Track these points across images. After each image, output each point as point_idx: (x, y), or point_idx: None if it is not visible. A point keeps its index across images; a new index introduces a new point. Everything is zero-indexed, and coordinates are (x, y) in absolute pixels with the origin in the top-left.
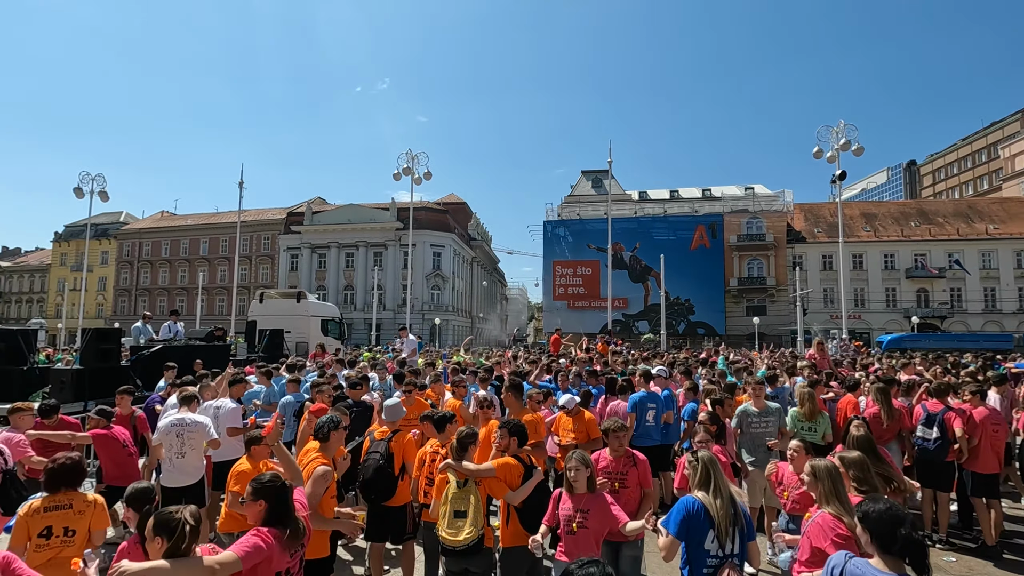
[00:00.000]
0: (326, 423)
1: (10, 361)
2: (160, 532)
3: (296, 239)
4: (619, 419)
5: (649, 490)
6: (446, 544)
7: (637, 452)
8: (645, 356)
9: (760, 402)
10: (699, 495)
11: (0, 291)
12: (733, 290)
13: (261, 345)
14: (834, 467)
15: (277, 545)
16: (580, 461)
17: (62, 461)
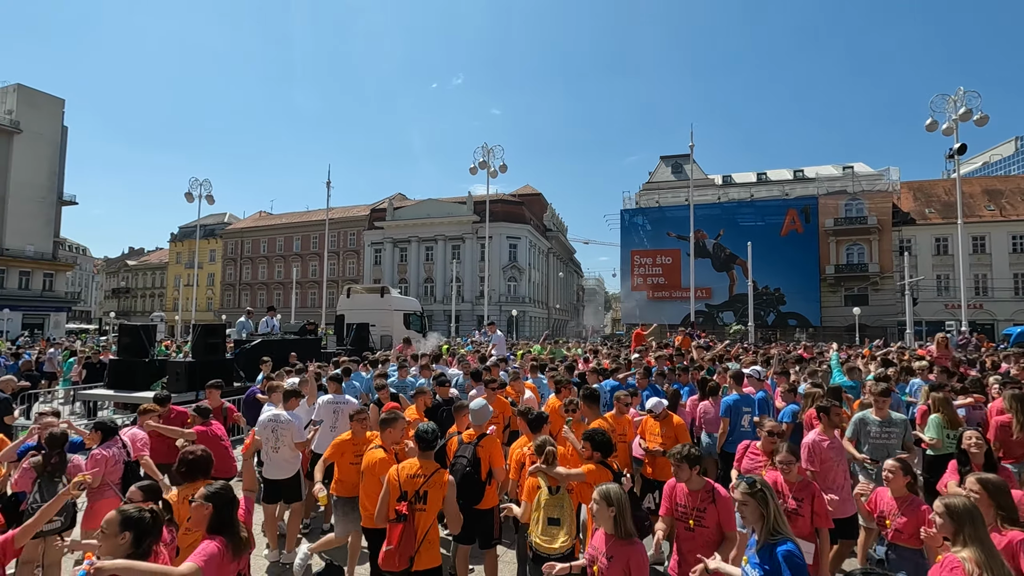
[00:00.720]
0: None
1: (135, 354)
2: (126, 527)
3: (379, 234)
4: (681, 447)
5: (731, 533)
6: (540, 551)
7: (719, 487)
8: (737, 352)
9: (883, 410)
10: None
11: (128, 287)
12: (829, 278)
13: (349, 338)
14: (973, 506)
15: (227, 552)
16: (602, 497)
17: (199, 454)
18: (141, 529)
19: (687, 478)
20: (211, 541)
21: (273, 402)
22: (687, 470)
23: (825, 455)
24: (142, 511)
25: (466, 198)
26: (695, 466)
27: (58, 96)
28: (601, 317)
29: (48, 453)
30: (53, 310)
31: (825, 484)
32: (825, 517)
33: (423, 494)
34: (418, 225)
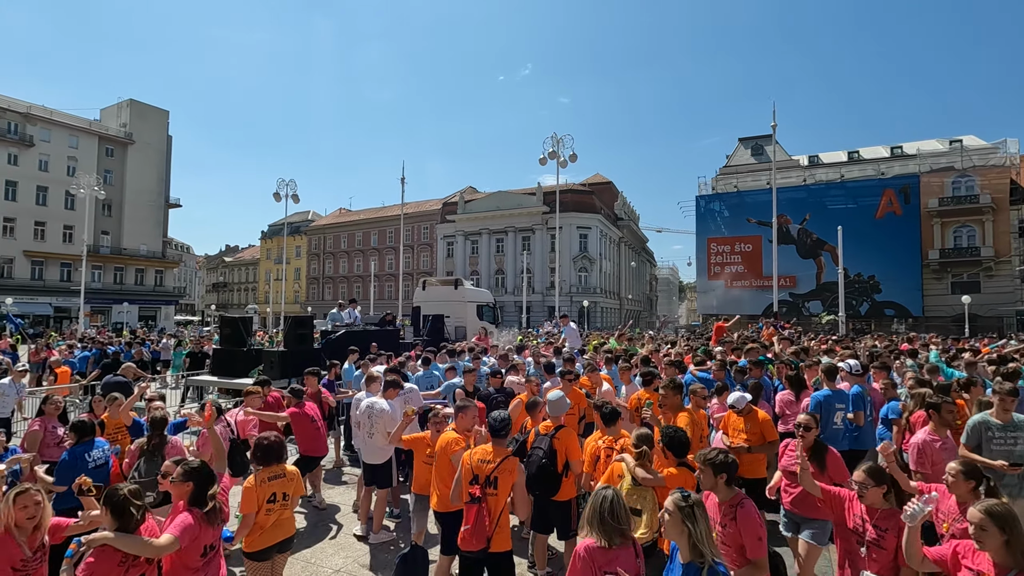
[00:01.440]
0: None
1: (235, 344)
2: (106, 504)
3: (451, 227)
4: (708, 449)
5: (758, 560)
6: None
7: (747, 500)
8: (826, 345)
9: (1007, 413)
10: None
11: (226, 282)
12: (933, 264)
13: (425, 329)
14: (1011, 513)
15: (202, 524)
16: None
17: (272, 440)
18: (119, 506)
19: (712, 486)
20: (187, 514)
21: (371, 392)
22: (711, 477)
23: (937, 456)
24: (119, 490)
25: (536, 189)
26: (720, 473)
27: (163, 108)
28: (676, 307)
29: (151, 434)
30: (163, 303)
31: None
32: None
33: (493, 479)
34: (488, 217)
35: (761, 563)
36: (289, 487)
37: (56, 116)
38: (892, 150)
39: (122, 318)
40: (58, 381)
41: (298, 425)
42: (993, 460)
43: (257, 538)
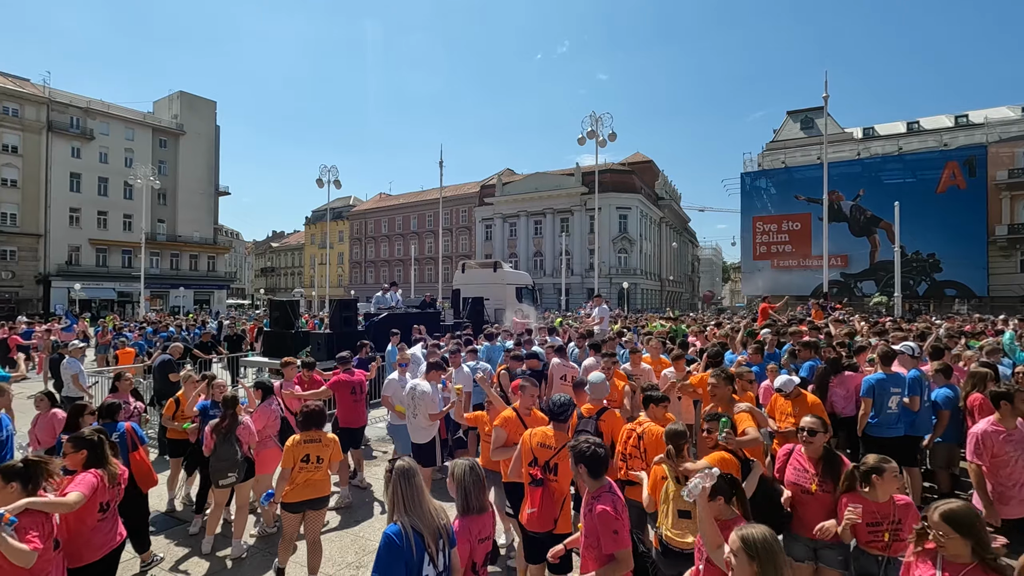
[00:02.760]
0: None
1: (284, 326)
2: (11, 479)
3: (489, 210)
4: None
5: (618, 553)
6: (671, 545)
7: (607, 494)
8: (879, 327)
9: None
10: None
11: (273, 266)
12: (1000, 240)
13: (465, 312)
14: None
15: (102, 482)
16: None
17: (313, 407)
18: (22, 477)
19: (575, 474)
20: (89, 473)
21: (400, 373)
22: (572, 465)
23: (999, 448)
24: (15, 465)
25: (574, 170)
26: (579, 464)
27: (210, 99)
28: (719, 288)
29: (223, 414)
30: (216, 288)
31: (997, 481)
32: None
33: (553, 466)
34: (526, 199)
35: (622, 556)
36: (324, 452)
37: (113, 110)
38: (956, 119)
39: (179, 302)
40: (119, 362)
41: (339, 393)
42: None
43: (291, 491)
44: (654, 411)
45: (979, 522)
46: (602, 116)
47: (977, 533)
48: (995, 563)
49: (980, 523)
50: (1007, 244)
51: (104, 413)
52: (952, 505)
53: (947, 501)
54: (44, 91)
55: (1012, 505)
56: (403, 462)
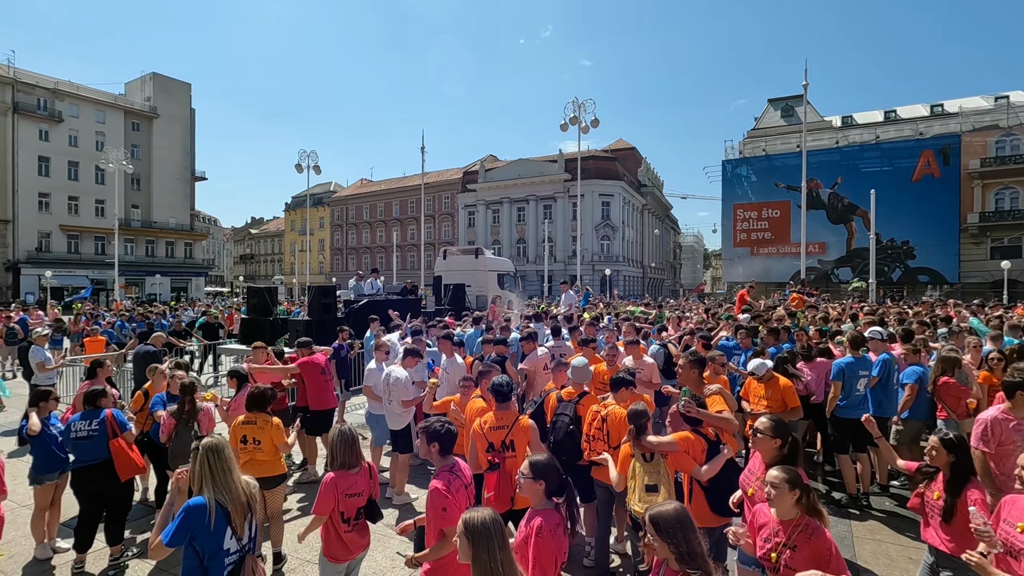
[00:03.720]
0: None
1: (261, 313)
2: None
3: (472, 197)
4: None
5: (447, 529)
6: (640, 518)
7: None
8: (851, 311)
9: None
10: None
11: (252, 253)
12: (972, 228)
13: (446, 298)
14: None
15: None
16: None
17: (257, 391)
18: None
19: (425, 452)
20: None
21: (377, 360)
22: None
23: (1007, 436)
24: None
25: (557, 156)
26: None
27: (185, 81)
28: (700, 275)
29: (182, 400)
30: (194, 275)
31: (1002, 471)
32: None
33: (510, 443)
34: (509, 186)
35: (450, 532)
36: (260, 434)
37: (82, 91)
38: (932, 108)
39: (155, 290)
40: (87, 351)
41: (307, 375)
42: None
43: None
44: (622, 394)
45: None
46: (585, 102)
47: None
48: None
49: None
50: (978, 232)
51: (87, 400)
52: (663, 508)
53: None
54: (9, 71)
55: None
56: (211, 439)
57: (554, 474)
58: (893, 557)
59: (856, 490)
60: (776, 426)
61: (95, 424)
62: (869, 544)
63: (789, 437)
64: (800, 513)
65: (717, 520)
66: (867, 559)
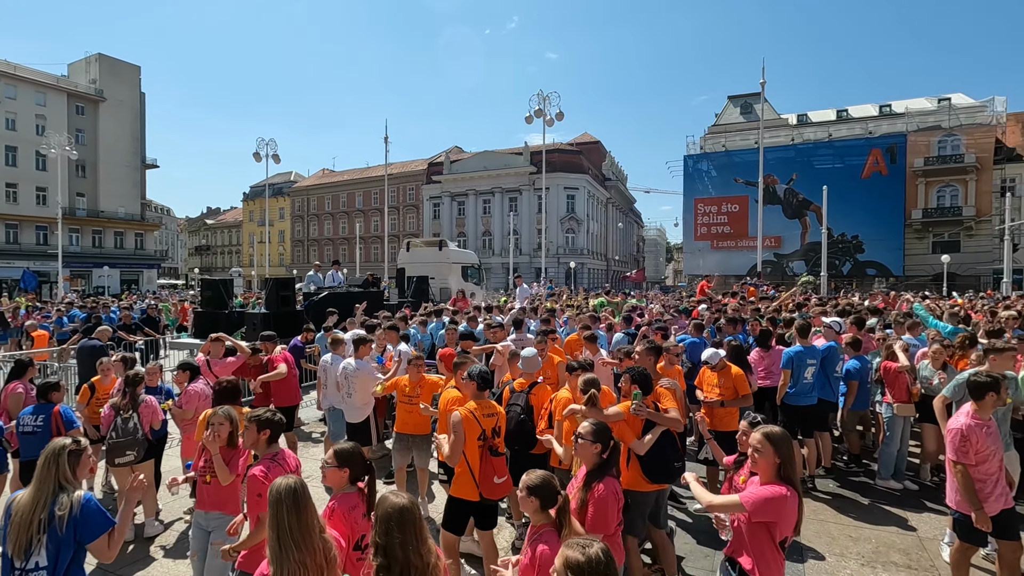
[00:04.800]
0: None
1: (216, 306)
2: None
3: (437, 188)
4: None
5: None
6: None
7: (264, 461)
8: (799, 302)
9: (997, 368)
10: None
11: (209, 245)
12: (915, 223)
13: (409, 291)
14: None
15: None
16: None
17: (227, 382)
18: None
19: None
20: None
21: (338, 354)
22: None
23: (982, 444)
24: None
25: (523, 149)
26: (263, 430)
27: (134, 63)
28: (663, 268)
29: (123, 392)
30: (145, 267)
31: (977, 476)
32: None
33: (499, 429)
34: (475, 178)
35: (263, 517)
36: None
37: (21, 72)
38: (881, 109)
39: (103, 282)
40: (35, 345)
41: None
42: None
43: None
44: (573, 380)
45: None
46: (549, 95)
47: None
48: None
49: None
50: (921, 227)
51: (40, 393)
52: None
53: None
54: None
55: (991, 502)
56: (61, 442)
57: (358, 460)
58: (834, 535)
59: (802, 473)
60: (597, 431)
61: (40, 420)
62: (813, 524)
63: (610, 442)
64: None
65: (651, 487)
66: (810, 538)
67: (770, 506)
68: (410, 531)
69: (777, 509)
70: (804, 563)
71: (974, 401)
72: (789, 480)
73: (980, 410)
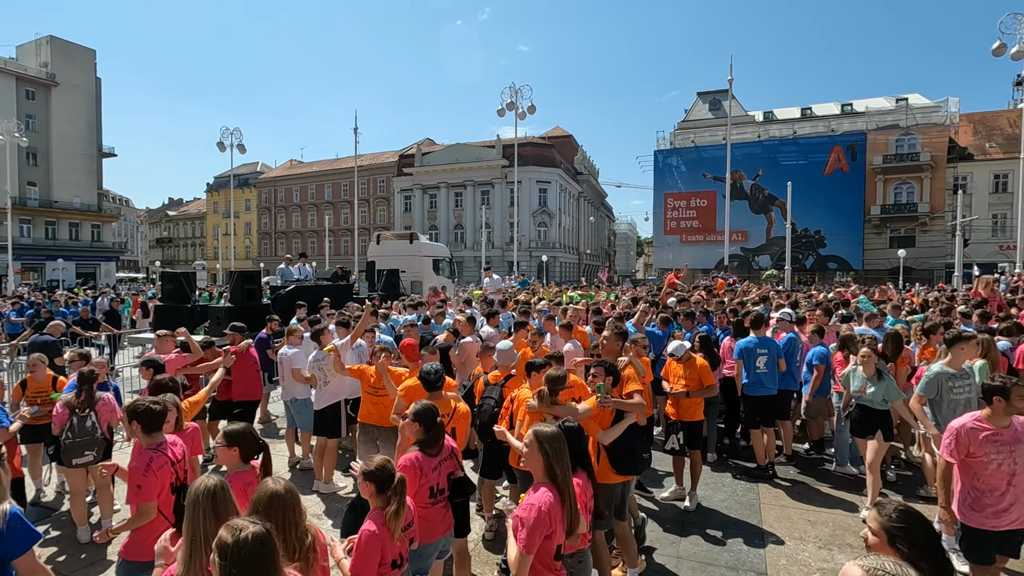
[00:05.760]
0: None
1: (178, 300)
2: None
3: (408, 181)
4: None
5: (141, 506)
6: None
7: (144, 452)
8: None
9: (958, 362)
10: None
11: (171, 237)
12: (874, 219)
13: (380, 284)
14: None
15: None
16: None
17: (163, 379)
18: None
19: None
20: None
21: (293, 344)
22: None
23: (978, 447)
24: None
25: (495, 142)
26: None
27: (89, 47)
28: (633, 262)
29: (79, 390)
30: (103, 260)
31: (972, 484)
32: None
33: (451, 431)
34: (447, 171)
35: (143, 509)
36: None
37: None
38: (843, 107)
39: (57, 275)
40: None
41: (239, 365)
42: (946, 415)
43: None
44: (536, 378)
45: None
46: (522, 88)
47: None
48: None
49: None
50: (880, 223)
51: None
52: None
53: None
54: None
55: (986, 514)
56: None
57: (248, 439)
58: (794, 520)
59: (764, 461)
60: (419, 412)
61: None
62: (774, 509)
63: (434, 422)
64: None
65: (618, 478)
66: (771, 523)
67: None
68: (280, 516)
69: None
70: (764, 548)
71: (986, 404)
72: (554, 478)
73: (991, 416)
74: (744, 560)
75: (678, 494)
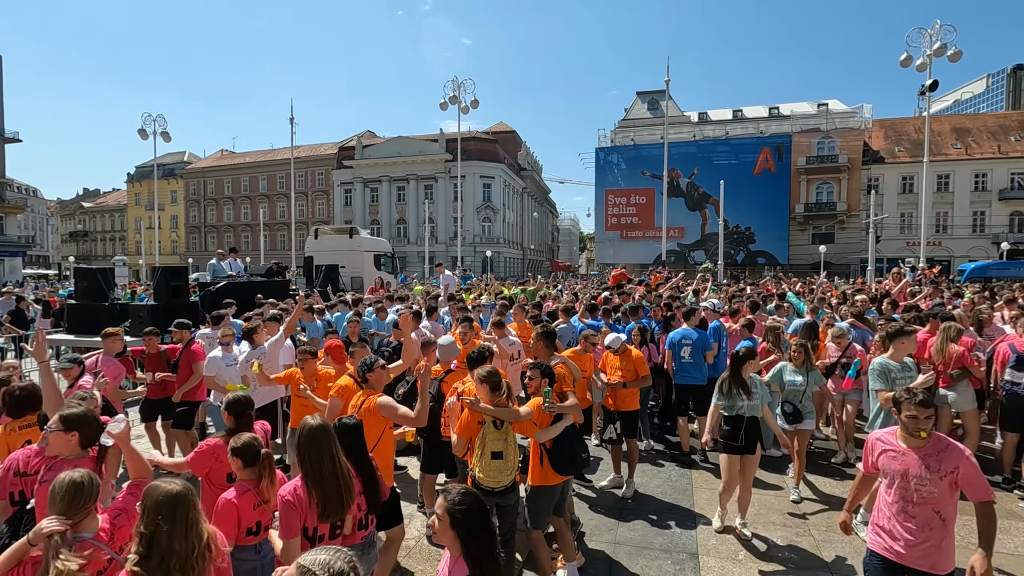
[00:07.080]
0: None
1: (94, 298)
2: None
3: (349, 174)
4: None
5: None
6: (484, 486)
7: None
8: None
9: (899, 355)
10: None
11: (87, 230)
12: (799, 217)
13: (318, 280)
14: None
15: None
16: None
17: (19, 390)
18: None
19: None
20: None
21: (258, 341)
22: None
23: (877, 460)
24: None
25: (438, 136)
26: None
27: None
28: (576, 257)
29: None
30: (7, 255)
31: (881, 499)
32: None
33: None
34: (389, 164)
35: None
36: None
37: None
38: (771, 110)
39: None
40: None
41: (185, 363)
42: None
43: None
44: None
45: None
46: (465, 82)
47: None
48: None
49: None
50: (803, 220)
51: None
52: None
53: None
54: None
55: (883, 538)
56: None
57: (90, 424)
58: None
59: (691, 447)
60: (232, 402)
61: None
62: (705, 493)
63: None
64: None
65: (558, 478)
66: (703, 506)
67: None
68: (179, 519)
69: None
70: (696, 529)
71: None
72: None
73: (900, 426)
74: (677, 542)
75: (616, 482)
